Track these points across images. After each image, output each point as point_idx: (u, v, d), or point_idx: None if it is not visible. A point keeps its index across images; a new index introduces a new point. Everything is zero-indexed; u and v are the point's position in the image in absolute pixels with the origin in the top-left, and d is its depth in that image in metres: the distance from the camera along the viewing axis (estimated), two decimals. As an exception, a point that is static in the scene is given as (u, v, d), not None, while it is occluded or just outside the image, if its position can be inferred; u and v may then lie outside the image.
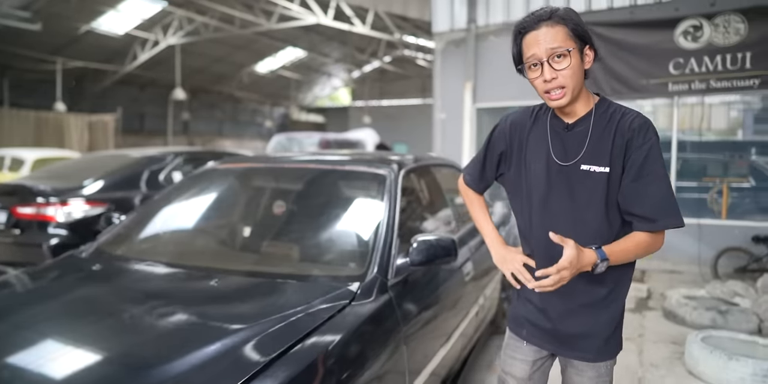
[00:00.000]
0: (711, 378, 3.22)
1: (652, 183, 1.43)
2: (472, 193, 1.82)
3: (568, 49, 1.42)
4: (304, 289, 1.89)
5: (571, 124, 1.54)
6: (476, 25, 7.40)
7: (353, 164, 2.70)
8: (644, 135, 1.45)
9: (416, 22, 14.37)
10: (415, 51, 20.49)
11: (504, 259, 1.68)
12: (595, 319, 1.57)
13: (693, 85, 6.21)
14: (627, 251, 1.45)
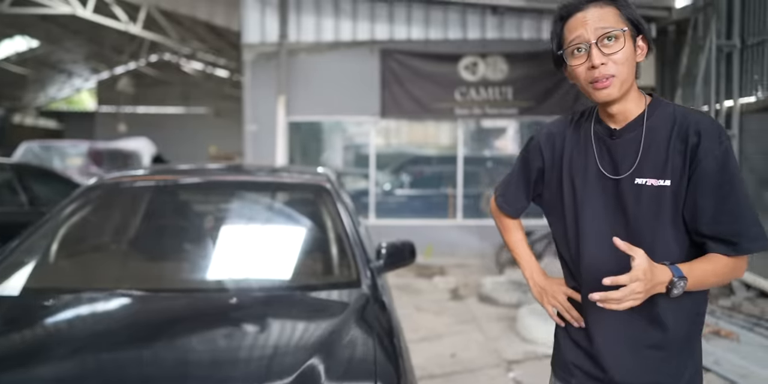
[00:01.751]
0: (540, 338, 4.15)
1: (730, 198, 1.20)
2: (505, 217, 1.56)
3: (623, 29, 1.20)
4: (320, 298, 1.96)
5: (619, 129, 1.29)
6: (288, 40, 7.64)
7: (288, 176, 2.74)
8: (715, 139, 1.20)
9: (199, 28, 13.73)
10: (183, 57, 19.37)
11: (545, 292, 1.45)
12: (664, 367, 1.29)
13: (473, 110, 7.61)
14: (706, 273, 1.20)
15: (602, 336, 1.30)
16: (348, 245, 2.31)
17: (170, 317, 1.79)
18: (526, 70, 7.49)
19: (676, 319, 1.25)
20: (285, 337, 1.65)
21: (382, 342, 1.67)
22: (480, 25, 7.54)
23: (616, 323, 1.26)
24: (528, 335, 4.26)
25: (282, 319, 1.80)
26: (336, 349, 1.53)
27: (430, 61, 7.57)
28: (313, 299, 1.97)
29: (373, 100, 7.63)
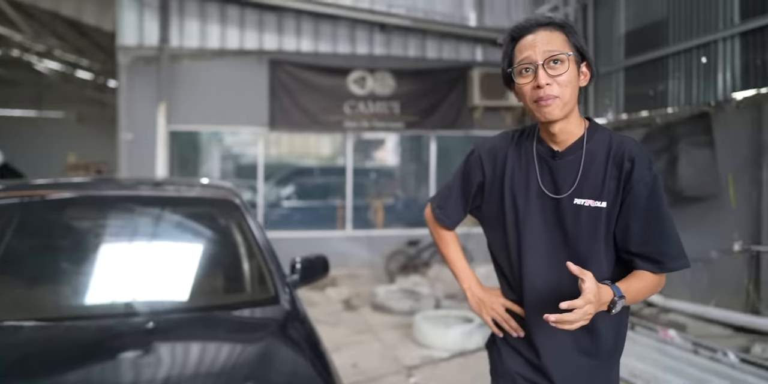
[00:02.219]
0: (436, 343, 4.35)
1: (657, 221, 1.30)
2: (442, 229, 1.58)
3: (567, 54, 1.27)
4: (242, 317, 1.90)
5: (561, 151, 1.36)
6: (169, 45, 7.24)
7: (194, 191, 2.60)
8: (646, 167, 1.29)
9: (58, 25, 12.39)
10: (36, 55, 17.36)
11: (483, 304, 1.49)
12: (597, 375, 1.39)
13: (361, 123, 7.78)
14: (639, 291, 1.29)
15: (544, 345, 1.36)
16: (263, 261, 2.27)
17: (86, 347, 1.62)
18: (412, 87, 7.84)
19: (607, 327, 1.35)
20: (218, 361, 1.59)
21: (313, 359, 1.68)
22: (368, 40, 7.76)
23: (555, 332, 1.30)
24: (424, 341, 4.44)
25: (208, 341, 1.73)
26: (271, 370, 1.51)
27: (320, 73, 7.62)
28: (234, 318, 1.91)
29: (261, 110, 7.49)
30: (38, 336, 1.68)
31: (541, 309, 1.32)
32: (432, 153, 8.17)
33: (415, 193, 8.72)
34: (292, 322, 1.94)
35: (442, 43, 7.94)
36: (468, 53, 8.04)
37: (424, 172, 8.44)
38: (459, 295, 5.88)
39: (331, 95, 7.64)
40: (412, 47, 7.88)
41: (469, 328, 4.41)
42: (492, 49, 8.08)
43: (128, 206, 2.37)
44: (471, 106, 7.88)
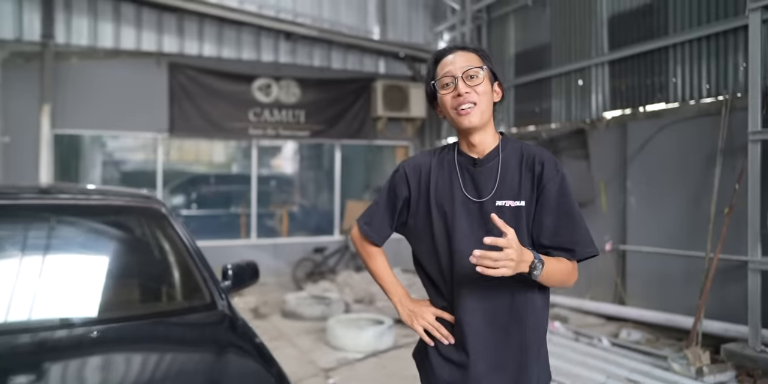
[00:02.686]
0: (350, 346, 4.50)
1: (567, 216, 1.44)
2: (370, 245, 1.63)
3: (482, 67, 1.46)
4: (184, 323, 1.91)
5: (480, 159, 1.50)
6: (55, 41, 6.72)
7: (117, 199, 2.52)
8: (554, 168, 1.46)
9: None
10: None
11: (414, 314, 1.54)
12: (526, 365, 1.47)
13: (267, 131, 7.74)
14: (554, 267, 1.39)
15: (474, 343, 1.43)
16: (196, 269, 2.29)
17: (33, 358, 1.56)
18: (318, 96, 7.96)
19: (534, 320, 1.45)
20: (173, 366, 1.61)
21: (263, 362, 1.76)
22: (274, 48, 7.76)
23: (486, 330, 1.43)
24: (338, 344, 4.57)
25: (157, 348, 1.73)
26: (228, 373, 1.57)
27: (224, 79, 7.49)
28: (176, 325, 1.92)
29: (160, 115, 7.19)
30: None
31: (474, 308, 1.43)
32: (337, 161, 8.33)
33: (319, 201, 8.81)
34: (233, 327, 1.99)
35: (347, 54, 8.16)
36: (372, 65, 8.33)
37: (328, 180, 8.58)
38: (367, 299, 6.09)
39: (235, 102, 7.53)
40: (318, 57, 8.01)
41: (381, 329, 4.61)
42: (394, 62, 8.45)
43: (51, 215, 2.26)
44: (375, 116, 8.16)
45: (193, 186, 8.11)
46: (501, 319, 1.45)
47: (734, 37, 4.63)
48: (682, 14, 5.07)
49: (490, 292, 1.44)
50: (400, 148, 8.89)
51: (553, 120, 6.61)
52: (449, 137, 8.26)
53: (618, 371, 3.91)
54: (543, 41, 6.77)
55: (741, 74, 4.58)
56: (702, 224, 4.75)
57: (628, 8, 5.63)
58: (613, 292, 5.68)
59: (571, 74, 6.35)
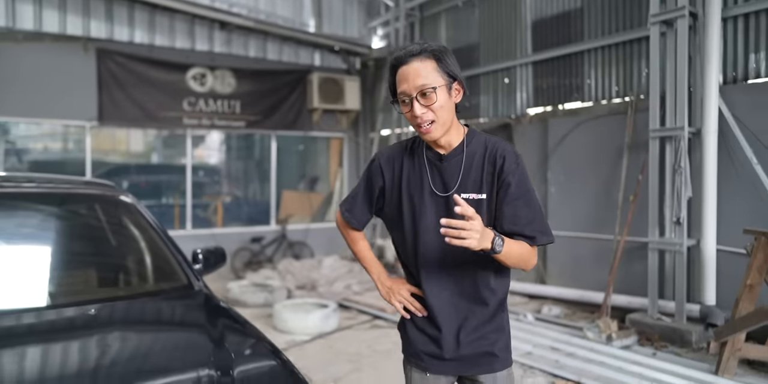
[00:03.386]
0: (298, 329, 4.70)
1: (526, 205, 1.53)
2: (351, 229, 1.77)
3: (434, 87, 1.46)
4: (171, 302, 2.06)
5: (446, 155, 1.58)
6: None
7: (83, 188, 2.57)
8: (513, 162, 1.54)
9: None
10: None
11: (392, 291, 1.69)
12: (489, 336, 1.62)
13: (202, 121, 7.67)
14: (514, 246, 1.48)
15: (443, 319, 1.58)
16: (170, 252, 2.42)
17: (43, 334, 1.66)
18: (253, 87, 7.97)
19: (493, 297, 1.60)
20: (169, 343, 1.76)
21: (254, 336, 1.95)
22: (208, 37, 7.66)
23: (452, 308, 1.60)
24: (285, 327, 4.76)
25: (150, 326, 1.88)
26: (225, 347, 1.73)
27: (156, 67, 7.31)
28: (161, 304, 2.06)
29: (88, 103, 6.92)
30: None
31: (440, 289, 1.58)
32: (273, 152, 8.40)
33: (255, 191, 8.83)
34: (214, 305, 2.16)
35: (282, 45, 8.21)
36: (307, 57, 8.44)
37: (261, 170, 8.62)
38: (308, 285, 6.29)
39: (168, 91, 7.39)
40: (253, 48, 8.01)
41: (327, 312, 4.85)
42: (329, 55, 8.61)
43: (25, 203, 2.29)
44: (311, 108, 8.29)
45: (123, 176, 7.87)
46: (465, 301, 1.59)
47: (638, 45, 5.25)
48: (595, 23, 5.65)
49: (454, 276, 1.58)
50: (335, 140, 9.09)
51: (482, 115, 7.08)
52: (383, 129, 8.56)
53: (542, 341, 4.41)
54: (472, 41, 7.21)
55: (644, 78, 5.21)
56: (612, 210, 5.37)
57: (550, 15, 6.16)
58: (535, 273, 6.25)
59: (498, 73, 6.83)
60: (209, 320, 1.94)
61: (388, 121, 8.33)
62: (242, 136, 8.45)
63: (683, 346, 4.30)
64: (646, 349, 4.27)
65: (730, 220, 4.43)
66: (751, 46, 4.45)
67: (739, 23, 4.51)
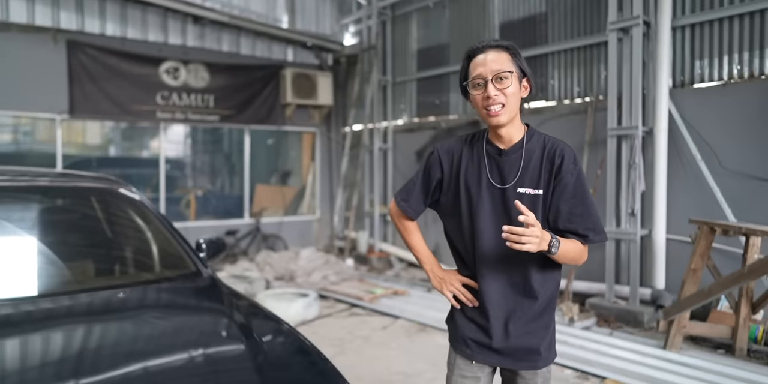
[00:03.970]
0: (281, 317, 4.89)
1: (582, 204, 1.59)
2: (406, 219, 1.82)
3: (510, 71, 1.55)
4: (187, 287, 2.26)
5: (506, 149, 1.63)
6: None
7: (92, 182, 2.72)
8: (571, 161, 1.60)
9: None
10: None
11: (444, 282, 1.74)
12: (537, 332, 1.66)
13: (175, 115, 7.70)
14: (569, 246, 1.54)
15: (493, 310, 1.64)
16: (177, 242, 2.61)
17: (82, 317, 1.84)
18: (227, 81, 8.03)
19: (544, 293, 1.65)
20: (206, 318, 1.97)
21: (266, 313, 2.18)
22: (181, 31, 7.69)
23: (503, 299, 1.65)
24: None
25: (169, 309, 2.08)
26: (251, 326, 1.96)
27: (129, 61, 7.30)
28: (176, 289, 2.26)
29: (59, 96, 6.86)
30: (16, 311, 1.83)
31: (493, 280, 1.63)
32: (246, 146, 8.50)
33: (228, 185, 8.91)
34: (226, 289, 2.37)
35: (255, 41, 8.29)
36: (280, 53, 8.55)
37: (229, 163, 8.70)
38: (287, 276, 6.48)
39: (141, 84, 7.39)
40: (227, 42, 8.07)
41: (308, 300, 5.07)
42: (302, 51, 8.74)
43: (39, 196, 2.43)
44: (284, 103, 8.43)
45: (93, 169, 7.83)
46: (516, 293, 1.64)
47: (598, 50, 5.65)
48: (559, 27, 6.02)
49: (507, 268, 1.63)
50: (308, 134, 9.25)
51: (452, 112, 7.40)
52: (355, 124, 8.78)
53: (510, 324, 4.76)
54: (443, 41, 7.50)
55: (603, 81, 5.61)
56: (572, 203, 5.77)
57: (517, 18, 6.51)
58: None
59: (467, 72, 7.14)
60: (225, 301, 2.15)
61: (361, 117, 8.55)
62: (216, 130, 8.51)
63: (636, 326, 4.74)
64: (603, 330, 4.68)
65: (678, 211, 4.88)
66: (697, 54, 4.89)
67: (686, 32, 4.94)
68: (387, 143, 8.28)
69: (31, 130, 7.22)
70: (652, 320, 4.73)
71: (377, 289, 5.99)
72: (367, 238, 8.16)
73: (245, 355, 1.69)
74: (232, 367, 1.60)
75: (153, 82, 7.49)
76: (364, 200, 8.45)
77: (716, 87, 4.77)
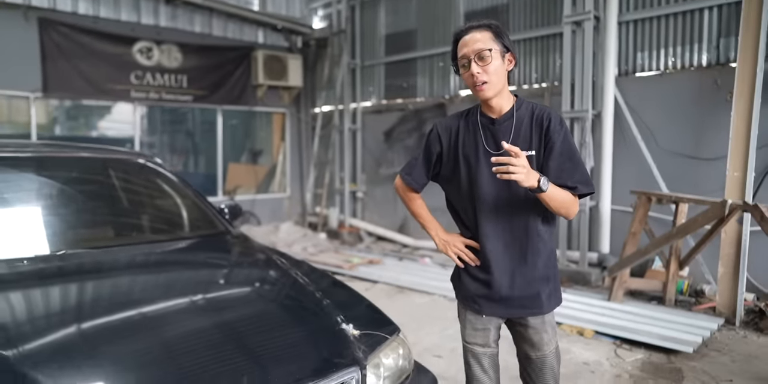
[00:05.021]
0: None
1: (569, 160, 1.73)
2: (410, 191, 1.99)
3: (490, 49, 1.68)
4: (225, 241, 2.69)
5: (497, 119, 1.79)
6: None
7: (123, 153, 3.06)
8: (557, 123, 1.75)
9: None
10: None
11: (448, 244, 1.89)
12: (536, 284, 1.80)
13: (150, 94, 7.83)
14: (558, 193, 1.67)
15: (496, 266, 1.80)
16: (205, 206, 3.01)
17: (144, 267, 2.25)
18: (199, 62, 8.19)
19: (543, 248, 1.81)
20: (257, 264, 2.42)
21: (299, 261, 2.63)
22: (154, 11, 7.77)
23: (505, 256, 1.80)
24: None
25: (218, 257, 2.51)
26: (294, 265, 2.42)
27: (102, 40, 7.34)
28: (222, 241, 2.68)
29: (32, 73, 6.89)
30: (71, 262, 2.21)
31: (495, 239, 1.79)
32: (219, 126, 8.71)
33: (200, 163, 9.10)
34: (257, 244, 2.80)
35: (227, 22, 8.46)
36: (251, 35, 8.75)
37: (209, 143, 8.90)
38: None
39: (115, 64, 7.47)
40: (199, 23, 8.20)
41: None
42: (273, 33, 8.97)
43: (82, 166, 2.78)
44: (256, 84, 8.67)
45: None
46: (517, 247, 1.80)
47: (554, 40, 6.25)
48: (519, 18, 6.58)
49: (507, 226, 1.79)
50: (278, 114, 9.52)
51: (419, 95, 7.88)
52: (324, 105, 9.13)
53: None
54: (410, 26, 7.93)
55: (558, 68, 6.23)
56: (530, 179, 6.41)
57: (480, 7, 7.02)
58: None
59: (434, 57, 7.63)
60: (263, 251, 2.60)
61: (330, 98, 8.91)
62: (190, 110, 8.66)
63: (585, 284, 5.45)
64: (556, 288, 5.36)
65: (621, 185, 5.59)
66: (639, 46, 5.56)
67: (630, 27, 5.60)
68: (356, 124, 8.69)
69: (5, 109, 7.20)
70: (599, 280, 5.46)
71: (354, 258, 6.49)
72: (338, 214, 8.62)
73: (299, 285, 2.15)
74: (293, 294, 2.07)
75: (126, 61, 7.58)
76: (335, 178, 8.87)
77: (655, 76, 5.47)
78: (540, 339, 1.87)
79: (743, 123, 4.24)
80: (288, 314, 1.96)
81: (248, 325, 1.78)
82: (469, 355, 1.92)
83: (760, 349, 3.80)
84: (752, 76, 4.20)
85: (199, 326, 1.72)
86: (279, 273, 2.33)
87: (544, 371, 1.90)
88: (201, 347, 1.60)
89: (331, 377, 1.59)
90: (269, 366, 1.56)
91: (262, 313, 1.92)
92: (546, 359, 1.89)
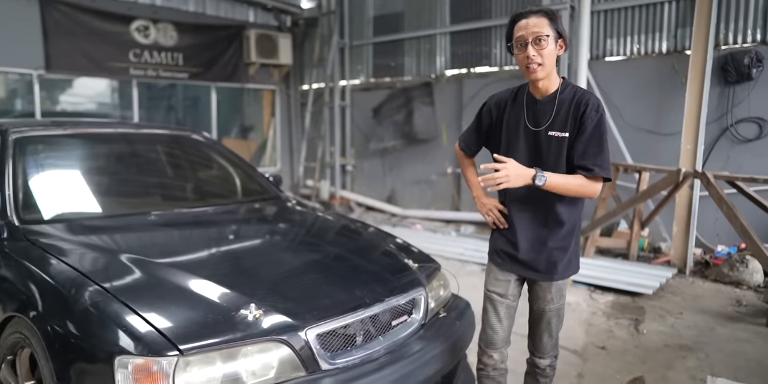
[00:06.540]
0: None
1: (597, 145, 1.86)
2: (465, 157, 2.23)
3: (548, 35, 1.80)
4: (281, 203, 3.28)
5: (541, 99, 1.92)
6: None
7: (180, 130, 3.56)
8: (594, 109, 1.86)
9: None
10: None
11: (484, 206, 2.11)
12: (555, 253, 1.97)
13: (147, 72, 8.10)
14: (566, 181, 1.83)
15: (521, 232, 2.01)
16: (256, 174, 3.56)
17: (241, 221, 2.87)
18: (194, 40, 8.45)
19: (567, 220, 1.97)
20: (323, 221, 3.03)
21: (349, 218, 3.23)
22: (150, -10, 7.98)
23: (529, 225, 2.01)
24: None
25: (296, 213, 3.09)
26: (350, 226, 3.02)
27: (101, 18, 7.54)
28: (285, 202, 3.26)
29: (35, 51, 7.08)
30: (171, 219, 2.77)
31: (522, 208, 2.00)
32: (213, 103, 9.05)
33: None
34: (309, 206, 3.38)
35: (219, 1, 8.72)
36: (243, 14, 9.03)
37: (203, 119, 9.24)
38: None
39: (114, 42, 7.70)
40: (192, 2, 8.44)
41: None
42: (263, 12, 9.27)
43: (154, 142, 3.30)
44: (248, 62, 9.00)
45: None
46: (540, 217, 1.99)
47: (534, 25, 6.86)
48: (502, 5, 7.16)
49: (534, 197, 1.95)
50: (268, 92, 9.90)
51: (406, 74, 8.42)
52: (314, 83, 9.57)
53: (468, 246, 6.10)
54: (398, 9, 8.40)
55: (537, 52, 6.85)
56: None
57: (465, -7, 7.56)
58: (451, 203, 7.94)
59: (421, 39, 8.15)
60: (313, 210, 3.20)
61: (320, 76, 9.35)
62: (185, 86, 8.92)
63: (559, 244, 6.23)
64: (536, 248, 6.13)
65: (592, 157, 6.33)
66: (609, 34, 6.25)
67: (601, 16, 6.27)
68: (345, 101, 9.18)
69: (10, 85, 7.37)
70: (571, 240, 6.24)
71: (352, 226, 7.10)
72: (329, 187, 9.17)
73: (366, 233, 2.78)
74: (363, 239, 2.69)
75: (125, 39, 7.81)
76: (326, 152, 9.38)
77: (622, 61, 6.18)
78: (544, 297, 2.08)
79: (695, 103, 5.01)
80: (367, 252, 2.57)
81: (341, 259, 2.40)
82: (487, 301, 2.14)
83: (705, 292, 4.66)
84: (703, 62, 4.95)
85: (309, 259, 2.36)
86: (346, 224, 2.93)
87: (540, 323, 2.15)
88: (314, 270, 2.24)
89: (408, 292, 2.22)
90: (365, 285, 2.18)
91: (350, 250, 2.54)
92: (545, 314, 2.11)
